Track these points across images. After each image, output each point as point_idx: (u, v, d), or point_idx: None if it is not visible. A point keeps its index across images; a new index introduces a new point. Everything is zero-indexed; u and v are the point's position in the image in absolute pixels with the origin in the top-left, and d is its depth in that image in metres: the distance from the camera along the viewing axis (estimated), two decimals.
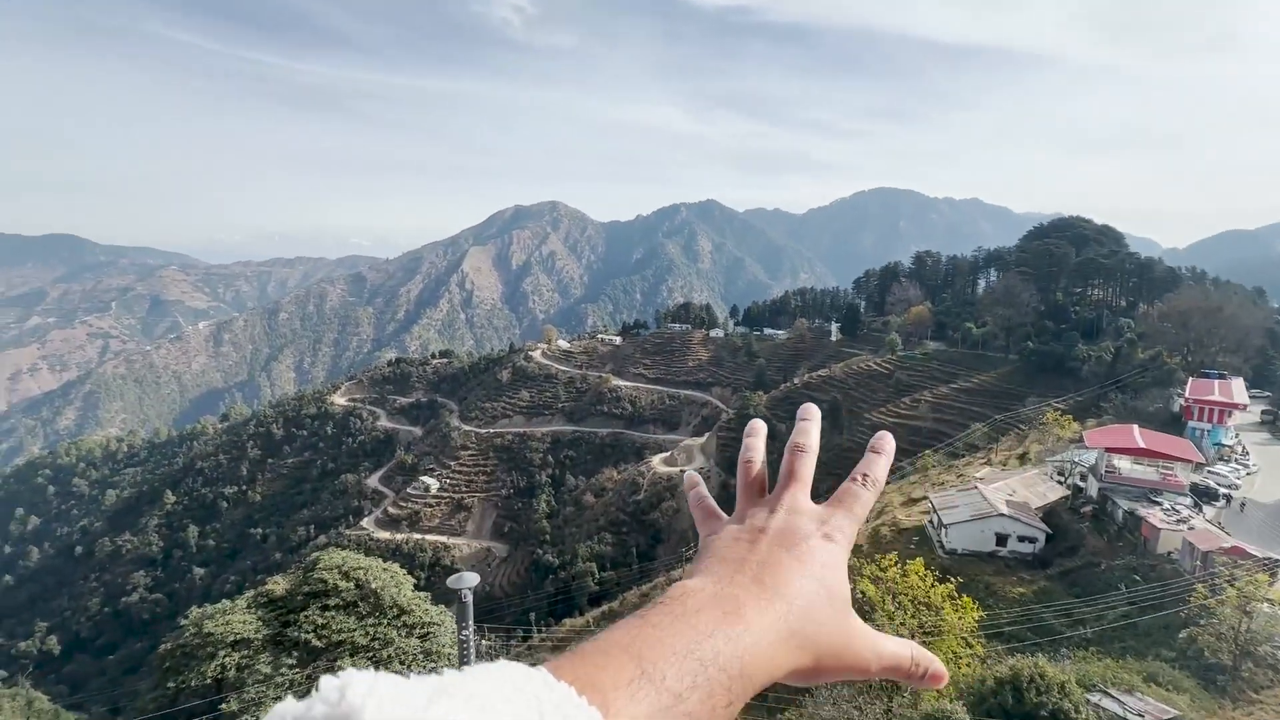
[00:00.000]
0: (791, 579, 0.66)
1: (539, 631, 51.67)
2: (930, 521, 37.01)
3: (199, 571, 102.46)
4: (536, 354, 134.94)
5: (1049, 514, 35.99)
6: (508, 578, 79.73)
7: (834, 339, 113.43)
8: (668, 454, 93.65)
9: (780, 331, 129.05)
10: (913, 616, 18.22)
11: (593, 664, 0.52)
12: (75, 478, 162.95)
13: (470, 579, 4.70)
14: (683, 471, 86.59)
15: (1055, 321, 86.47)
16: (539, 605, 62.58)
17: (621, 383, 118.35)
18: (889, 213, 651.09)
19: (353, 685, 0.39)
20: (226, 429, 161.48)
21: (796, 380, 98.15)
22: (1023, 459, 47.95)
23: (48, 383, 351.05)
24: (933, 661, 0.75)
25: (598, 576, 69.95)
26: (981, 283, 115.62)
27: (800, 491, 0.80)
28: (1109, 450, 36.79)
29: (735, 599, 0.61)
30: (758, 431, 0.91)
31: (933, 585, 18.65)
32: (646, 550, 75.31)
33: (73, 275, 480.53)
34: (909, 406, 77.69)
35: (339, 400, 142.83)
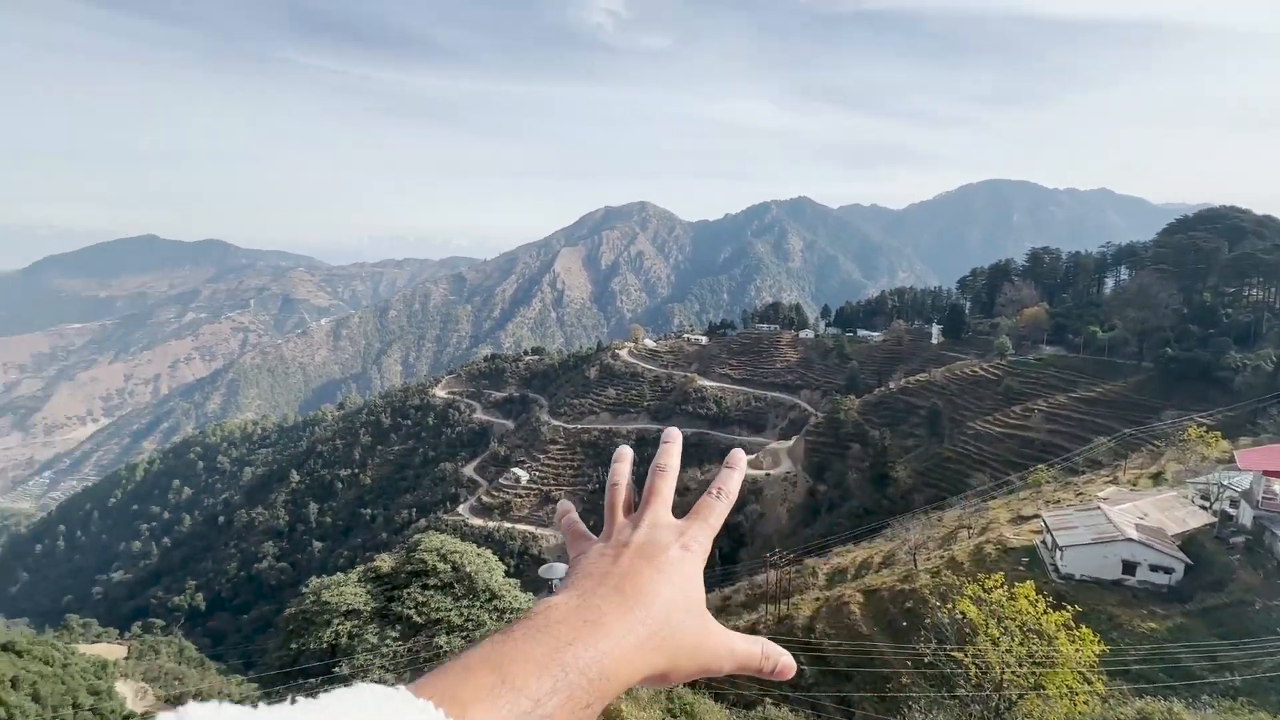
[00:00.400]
0: (651, 587, 0.72)
1: None
2: (1043, 542, 33.97)
3: (317, 545, 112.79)
4: (623, 352, 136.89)
5: (1188, 542, 31.95)
6: None
7: (935, 342, 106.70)
8: (753, 456, 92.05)
9: (875, 333, 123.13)
10: (1021, 644, 16.79)
11: (454, 679, 0.54)
12: (220, 455, 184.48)
13: (560, 569, 4.85)
14: (767, 475, 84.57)
15: (1200, 325, 76.56)
16: None
17: (707, 383, 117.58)
18: (1000, 206, 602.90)
19: (191, 718, 0.39)
20: (342, 416, 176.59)
21: (892, 384, 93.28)
22: (1156, 479, 42.86)
23: (199, 370, 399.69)
24: (782, 655, 0.82)
25: None
26: (1110, 282, 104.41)
27: (661, 507, 0.86)
28: (1268, 474, 32.07)
29: (597, 609, 0.66)
30: (624, 457, 0.97)
31: (1045, 612, 17.09)
32: (729, 553, 74.47)
33: (220, 276, 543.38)
34: (1019, 416, 71.67)
35: (439, 393, 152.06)
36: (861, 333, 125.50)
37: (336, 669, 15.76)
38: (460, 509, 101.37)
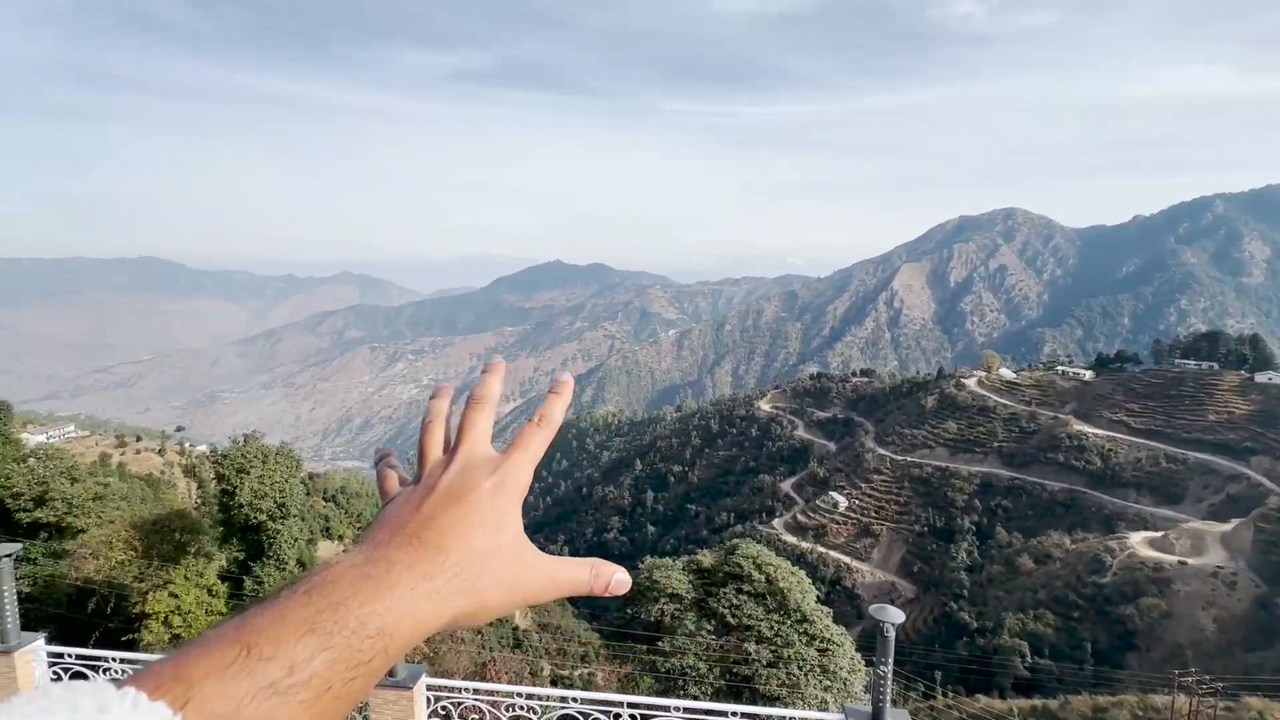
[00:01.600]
0: (454, 531, 0.65)
1: (944, 695, 45.64)
2: None
3: (651, 528, 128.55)
4: (970, 382, 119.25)
5: None
6: (912, 623, 73.11)
7: None
8: (1159, 534, 69.51)
9: None
10: None
11: (187, 658, 0.50)
12: (587, 438, 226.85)
13: (895, 614, 4.54)
14: (1182, 563, 63.65)
15: None
16: (948, 666, 55.37)
17: (1088, 429, 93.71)
18: None
19: None
20: (678, 418, 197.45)
21: None
22: None
23: (579, 368, 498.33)
24: (616, 571, 0.76)
25: (1029, 660, 57.40)
26: None
27: (477, 441, 0.77)
28: None
29: (386, 560, 0.59)
30: (442, 394, 0.88)
31: None
32: (1108, 650, 57.79)
33: (600, 293, 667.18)
34: None
35: (764, 406, 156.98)
36: None
37: (659, 643, 17.77)
38: (775, 523, 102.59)
